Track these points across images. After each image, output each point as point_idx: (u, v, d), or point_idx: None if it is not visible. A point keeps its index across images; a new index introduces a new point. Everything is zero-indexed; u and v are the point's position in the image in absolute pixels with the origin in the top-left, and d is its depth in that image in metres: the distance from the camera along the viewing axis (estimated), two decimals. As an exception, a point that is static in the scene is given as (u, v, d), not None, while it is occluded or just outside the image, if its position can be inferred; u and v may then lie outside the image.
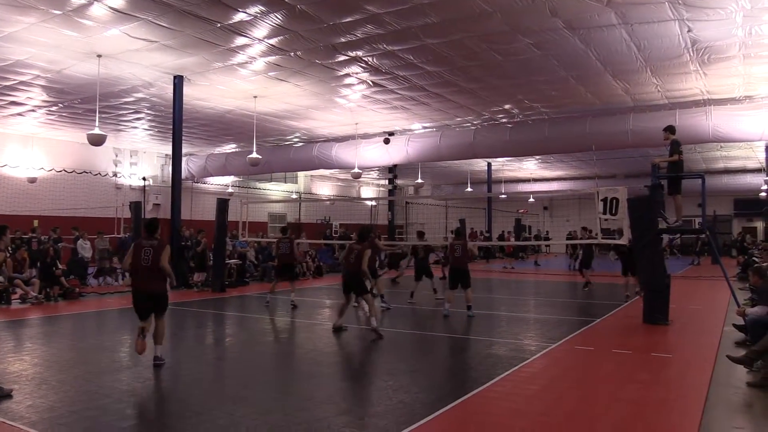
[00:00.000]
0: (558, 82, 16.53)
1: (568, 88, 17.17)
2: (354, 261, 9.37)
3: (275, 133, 24.44)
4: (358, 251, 9.41)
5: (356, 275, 9.35)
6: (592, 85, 16.77)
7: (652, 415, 5.68)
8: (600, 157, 27.78)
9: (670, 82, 16.23)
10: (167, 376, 7.39)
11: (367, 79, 16.29)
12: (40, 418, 5.45)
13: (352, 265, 9.38)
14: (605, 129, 18.70)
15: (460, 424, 5.44)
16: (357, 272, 9.31)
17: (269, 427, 5.18)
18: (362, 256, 9.36)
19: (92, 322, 11.56)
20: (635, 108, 19.01)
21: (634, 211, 10.97)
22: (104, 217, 23.77)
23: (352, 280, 9.49)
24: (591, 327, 10.68)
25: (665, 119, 16.07)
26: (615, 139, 18.67)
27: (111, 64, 14.81)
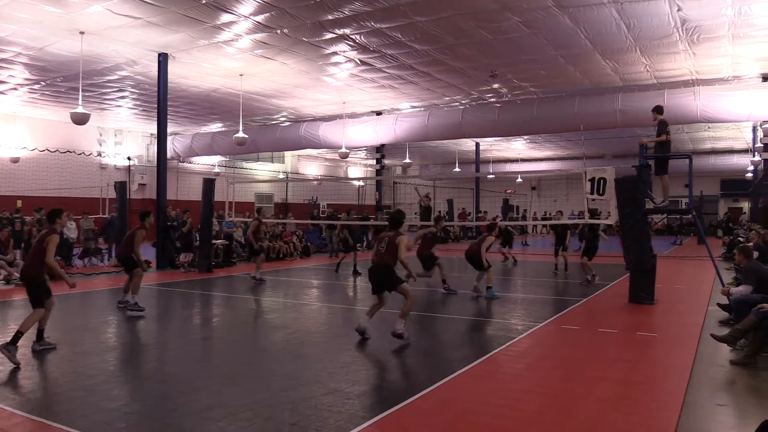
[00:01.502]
0: (547, 61, 16.49)
1: (557, 68, 17.14)
2: (385, 251, 7.69)
3: (262, 112, 24.26)
4: (389, 239, 7.75)
5: (385, 268, 7.68)
6: (581, 64, 16.76)
7: (637, 393, 5.75)
8: (588, 137, 27.86)
9: (659, 61, 16.25)
10: (153, 357, 7.39)
11: (355, 58, 16.16)
12: (25, 400, 5.43)
13: (381, 256, 7.72)
14: (594, 109, 18.73)
15: (446, 402, 5.48)
16: (386, 264, 7.68)
17: (255, 407, 5.19)
18: (397, 245, 7.66)
19: (77, 303, 11.49)
20: (624, 88, 19.04)
21: (621, 191, 11.02)
22: (89, 197, 23.56)
23: (380, 276, 7.75)
24: (577, 306, 10.77)
25: (654, 99, 16.12)
26: (603, 119, 18.72)
27: (94, 41, 14.58)
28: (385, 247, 7.72)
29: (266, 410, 5.13)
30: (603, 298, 11.78)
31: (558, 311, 10.26)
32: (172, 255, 17.32)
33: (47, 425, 4.77)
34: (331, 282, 14.87)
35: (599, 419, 5.06)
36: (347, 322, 9.36)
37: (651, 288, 10.82)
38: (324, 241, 24.08)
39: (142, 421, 4.88)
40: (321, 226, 24.91)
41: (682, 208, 18.58)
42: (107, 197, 21.69)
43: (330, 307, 11.20)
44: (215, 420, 4.87)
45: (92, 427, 4.74)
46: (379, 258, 7.76)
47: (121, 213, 18.15)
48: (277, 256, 20.14)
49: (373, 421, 4.88)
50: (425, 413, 5.21)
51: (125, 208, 18.50)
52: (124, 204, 18.36)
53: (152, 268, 16.49)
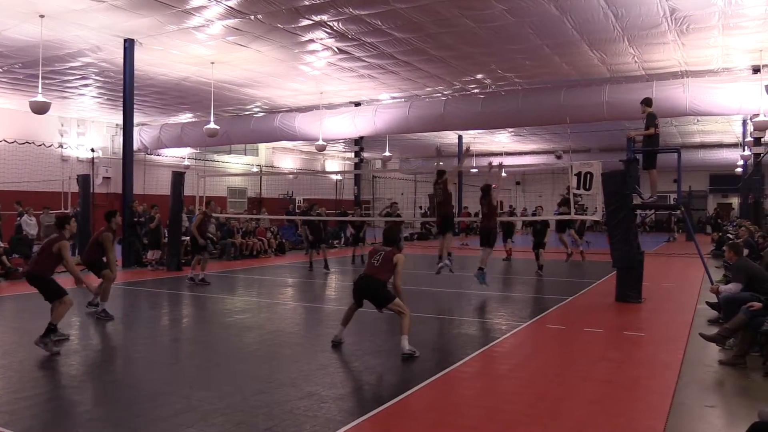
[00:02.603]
0: (532, 51, 16.58)
1: (542, 58, 17.24)
2: (379, 265, 7.46)
3: (234, 103, 24.08)
4: (385, 255, 7.51)
5: (376, 283, 7.39)
6: (568, 54, 16.87)
7: (624, 394, 5.82)
8: (574, 130, 28.07)
9: (647, 52, 16.42)
10: (120, 360, 7.32)
11: (333, 46, 16.10)
12: (-20, 406, 5.34)
13: (374, 269, 7.49)
14: (580, 101, 18.89)
15: (427, 405, 5.50)
16: (378, 280, 7.40)
17: (228, 411, 5.16)
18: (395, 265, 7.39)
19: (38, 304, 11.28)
20: (611, 79, 19.22)
21: (608, 185, 11.12)
22: (50, 191, 23.20)
23: (369, 289, 7.42)
24: (563, 305, 10.86)
25: (642, 91, 16.27)
26: (590, 111, 18.88)
27: (55, 26, 14.33)
28: (380, 261, 7.48)
29: (239, 415, 5.10)
30: (588, 297, 11.90)
31: (542, 310, 10.33)
32: (139, 252, 17.14)
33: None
34: (307, 280, 14.83)
35: (585, 421, 5.11)
36: (324, 322, 9.35)
37: (638, 286, 10.94)
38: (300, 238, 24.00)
39: (105, 428, 4.83)
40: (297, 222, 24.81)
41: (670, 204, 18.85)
42: (69, 191, 21.39)
43: (306, 307, 11.17)
44: (185, 426, 4.83)
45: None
46: (371, 271, 7.51)
47: (84, 208, 17.89)
48: (251, 253, 20.04)
49: (351, 426, 4.88)
50: (406, 417, 5.23)
51: (89, 202, 18.24)
52: (87, 198, 18.10)
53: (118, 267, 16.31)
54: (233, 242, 19.66)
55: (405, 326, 7.12)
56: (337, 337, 7.68)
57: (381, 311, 7.48)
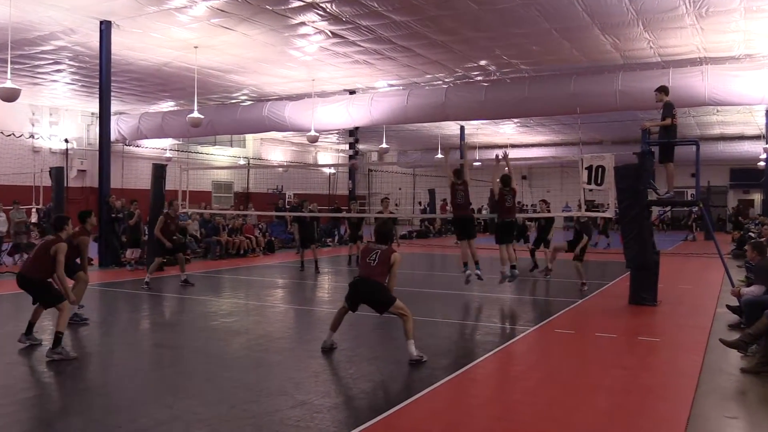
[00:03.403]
0: (540, 36, 16.56)
1: (551, 43, 17.22)
2: (376, 265, 7.41)
3: (220, 90, 24.03)
4: (381, 253, 7.48)
5: (374, 285, 7.39)
6: (578, 39, 16.86)
7: (639, 403, 5.83)
8: (585, 121, 28.06)
9: (663, 37, 16.41)
10: (97, 367, 7.31)
11: (326, 29, 16.07)
12: (-54, 416, 5.32)
13: (371, 269, 7.44)
14: (591, 89, 18.85)
15: (428, 415, 5.50)
16: (376, 282, 7.39)
17: (213, 422, 5.15)
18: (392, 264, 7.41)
19: (8, 306, 11.30)
20: (625, 66, 19.21)
21: (621, 180, 11.11)
22: (20, 184, 23.13)
23: (367, 293, 7.44)
24: (572, 308, 10.87)
25: (657, 79, 16.26)
26: (602, 100, 18.84)
27: (24, 5, 14.28)
28: (376, 261, 7.40)
29: (225, 425, 5.10)
30: (600, 300, 11.91)
31: (551, 314, 10.34)
32: (118, 251, 17.10)
33: (-27, 445, 4.69)
34: (299, 281, 14.83)
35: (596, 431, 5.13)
36: (316, 326, 9.34)
37: (653, 288, 10.95)
38: (290, 236, 23.99)
39: (82, 439, 4.82)
40: (287, 218, 24.81)
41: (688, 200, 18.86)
42: (41, 185, 21.33)
43: (297, 310, 11.18)
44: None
45: (25, 447, 4.67)
46: (368, 272, 7.44)
47: (57, 203, 17.84)
48: (238, 252, 20.01)
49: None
50: (405, 428, 5.23)
51: (62, 197, 18.19)
52: (60, 193, 18.05)
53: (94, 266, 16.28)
54: (218, 240, 19.63)
55: (409, 330, 7.12)
56: (326, 343, 7.66)
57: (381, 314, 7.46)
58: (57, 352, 7.22)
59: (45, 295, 7.70)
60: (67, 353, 7.29)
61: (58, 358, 7.20)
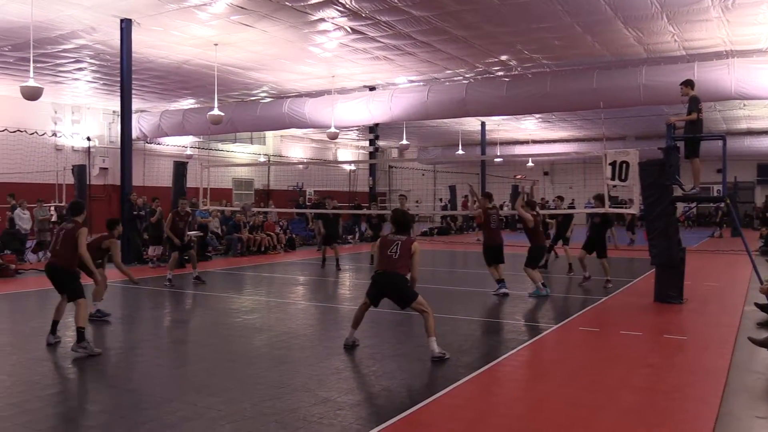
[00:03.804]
0: (562, 30, 16.45)
1: (573, 37, 17.10)
2: (398, 258, 7.26)
3: (239, 87, 24.14)
4: (402, 244, 7.30)
5: (398, 279, 7.27)
6: (601, 33, 16.72)
7: (665, 403, 5.78)
8: (608, 116, 27.82)
9: (688, 30, 16.23)
10: (121, 363, 7.37)
11: (345, 25, 16.07)
12: (-27, 411, 5.41)
13: (392, 263, 7.28)
14: (615, 84, 18.71)
15: (450, 412, 5.49)
16: (400, 276, 7.28)
17: (237, 419, 5.18)
18: (413, 254, 7.29)
19: (32, 303, 11.46)
20: (648, 60, 19.02)
21: (646, 176, 11.01)
22: (43, 182, 23.42)
23: (391, 288, 7.31)
24: (596, 306, 10.81)
25: (682, 73, 16.09)
26: (625, 95, 18.68)
27: (46, 5, 14.43)
28: (398, 253, 7.24)
29: (248, 422, 5.13)
30: (625, 297, 11.82)
31: (574, 311, 10.29)
32: (140, 248, 17.27)
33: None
34: (320, 278, 14.87)
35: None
36: (338, 323, 9.36)
37: (679, 285, 10.84)
38: (311, 233, 24.08)
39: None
40: (307, 215, 24.91)
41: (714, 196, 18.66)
42: (64, 183, 21.58)
43: (319, 307, 11.20)
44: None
45: (51, 443, 4.73)
46: (389, 265, 7.30)
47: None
48: (259, 249, 20.12)
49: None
50: (427, 426, 5.22)
51: (85, 195, 18.42)
52: (83, 190, 18.30)
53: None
54: (240, 237, 19.75)
55: (431, 327, 7.12)
56: (348, 340, 7.70)
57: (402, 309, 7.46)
58: (82, 347, 7.34)
59: (70, 284, 7.75)
60: (92, 348, 7.38)
61: (83, 352, 7.31)
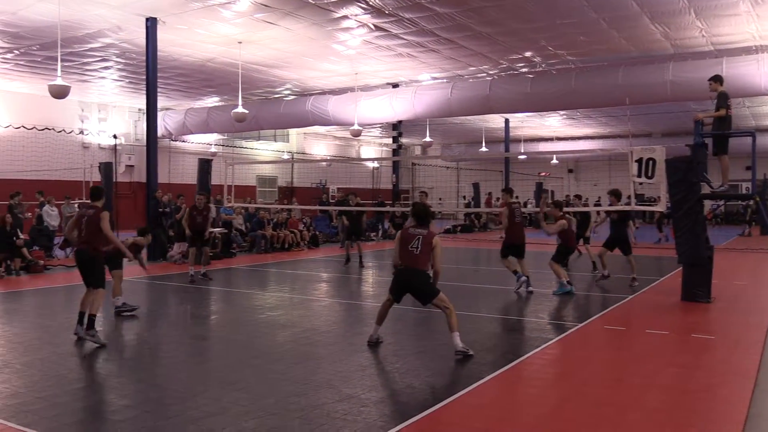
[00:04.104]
0: (587, 26, 16.30)
1: (598, 33, 16.94)
2: (420, 253, 7.22)
3: (263, 85, 24.24)
4: (424, 239, 7.26)
5: (421, 275, 7.27)
6: (627, 29, 16.55)
7: (693, 403, 5.71)
8: (634, 113, 27.58)
9: (716, 25, 16.00)
10: (147, 359, 7.44)
11: (368, 22, 16.07)
12: (3, 405, 5.49)
13: (414, 258, 7.25)
14: (641, 80, 18.52)
15: (474, 411, 5.47)
16: (422, 272, 7.27)
17: (261, 414, 5.21)
18: (434, 248, 7.25)
19: (59, 299, 11.61)
20: (676, 56, 18.80)
21: (673, 173, 10.89)
22: (71, 179, 23.73)
23: (414, 284, 7.30)
24: (622, 304, 10.71)
25: (710, 69, 15.86)
26: (652, 91, 18.50)
27: (73, 4, 14.60)
28: (419, 248, 7.20)
29: (273, 418, 5.15)
30: (652, 296, 11.70)
31: (600, 310, 10.22)
32: (165, 245, 17.42)
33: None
34: (343, 275, 14.90)
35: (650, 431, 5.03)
36: (362, 320, 9.38)
37: (707, 284, 10.72)
38: (334, 230, 24.14)
39: (134, 431, 4.91)
40: (330, 212, 24.97)
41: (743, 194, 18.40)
42: (91, 180, 21.84)
43: (342, 304, 11.23)
44: (216, 429, 4.89)
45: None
46: (411, 261, 7.26)
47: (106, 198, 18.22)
48: (282, 246, 20.21)
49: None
50: (451, 423, 5.21)
51: (111, 192, 18.60)
52: (109, 188, 18.44)
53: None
54: (263, 234, 19.85)
55: (453, 323, 7.12)
56: (372, 337, 7.70)
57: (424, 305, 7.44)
58: (90, 334, 7.61)
59: (94, 271, 7.93)
60: (99, 338, 7.63)
61: (90, 339, 7.60)
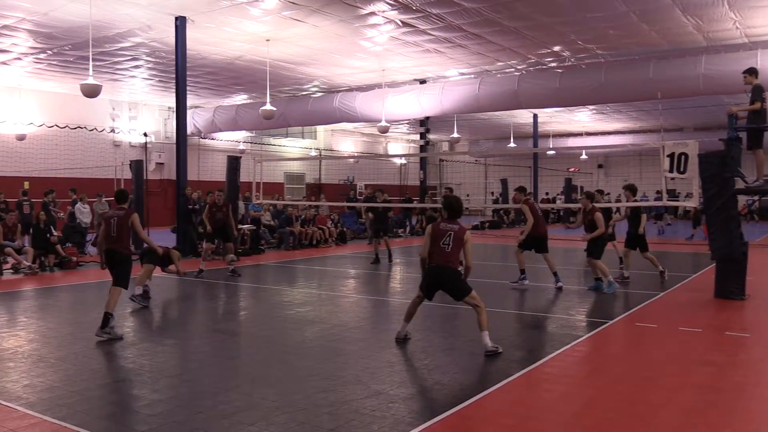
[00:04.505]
0: (617, 19, 16.13)
1: (629, 26, 16.75)
2: (451, 251, 7.12)
3: (291, 82, 24.36)
4: (455, 235, 7.13)
5: (453, 273, 7.19)
6: (658, 21, 16.34)
7: (728, 402, 5.62)
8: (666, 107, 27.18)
9: (751, 16, 15.75)
10: (177, 354, 7.52)
11: (396, 18, 16.05)
12: (38, 399, 5.59)
13: (446, 256, 7.13)
14: (672, 74, 18.26)
15: (503, 408, 5.44)
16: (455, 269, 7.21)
17: (290, 410, 5.24)
18: (465, 243, 7.19)
19: (92, 294, 11.78)
20: (708, 49, 18.51)
21: (706, 168, 10.72)
22: (102, 177, 24.08)
23: (447, 282, 7.21)
24: (654, 301, 10.58)
25: (744, 61, 15.58)
26: (684, 85, 18.23)
27: (104, 4, 14.80)
28: (451, 245, 7.09)
29: (302, 413, 5.18)
30: (684, 293, 11.54)
31: (631, 307, 10.09)
32: (194, 242, 17.59)
33: (62, 427, 4.90)
34: (371, 272, 14.91)
35: (683, 431, 4.95)
36: (390, 316, 9.39)
37: (741, 281, 10.55)
38: (362, 227, 24.18)
39: (165, 425, 4.97)
40: (358, 209, 25.01)
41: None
42: (122, 177, 22.15)
43: (370, 300, 11.25)
44: (246, 424, 4.93)
45: (111, 429, 4.87)
46: (444, 258, 7.16)
47: (137, 195, 18.48)
48: (310, 242, 20.30)
49: (421, 428, 4.88)
50: (479, 421, 5.19)
51: (142, 189, 18.83)
52: (140, 185, 18.68)
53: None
54: (292, 231, 19.96)
55: (484, 321, 7.08)
56: (401, 334, 7.69)
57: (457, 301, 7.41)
58: (105, 332, 7.76)
59: (123, 269, 8.23)
60: (115, 333, 7.85)
61: (106, 337, 7.74)
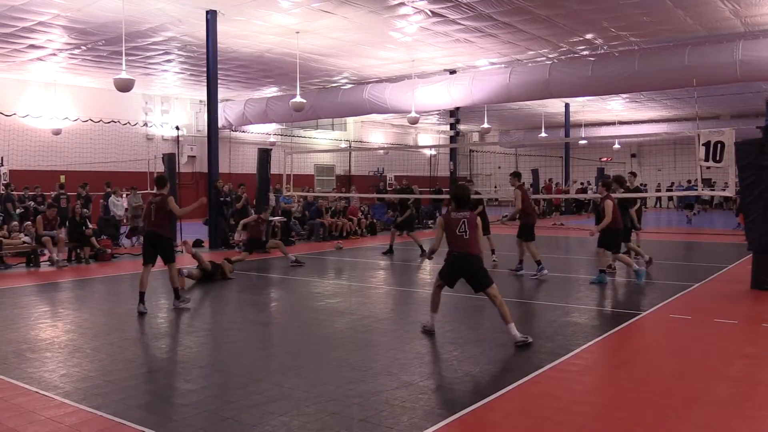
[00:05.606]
0: (651, 5, 15.89)
1: (663, 12, 16.48)
2: (469, 238, 7.21)
3: (321, 74, 24.42)
4: (468, 222, 7.23)
5: (474, 260, 7.23)
6: (693, 7, 16.06)
7: (763, 395, 5.53)
8: (701, 95, 26.71)
9: (790, 1, 15.38)
10: (209, 345, 7.61)
11: (425, 8, 15.99)
12: (74, 388, 5.71)
13: (465, 243, 7.23)
14: (709, 60, 17.94)
15: (533, 400, 5.42)
16: (476, 256, 7.24)
17: (321, 400, 5.28)
18: (476, 229, 7.29)
19: (126, 286, 11.97)
20: (746, 34, 18.14)
21: (743, 156, 10.53)
22: (136, 170, 24.42)
23: (468, 270, 7.29)
24: (688, 292, 10.42)
25: (783, 47, 15.28)
26: (720, 72, 17.90)
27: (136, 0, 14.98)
28: (467, 232, 7.19)
29: (332, 404, 5.22)
30: (719, 284, 11.36)
31: (664, 298, 9.94)
32: (226, 233, 17.76)
33: (98, 416, 5.00)
34: (401, 263, 14.93)
35: (717, 424, 4.88)
36: (420, 308, 9.39)
37: (779, 272, 10.36)
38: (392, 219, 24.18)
39: (198, 414, 5.05)
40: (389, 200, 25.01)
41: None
42: (155, 170, 22.45)
43: (400, 291, 11.26)
44: (277, 414, 4.98)
45: (145, 419, 4.95)
46: (462, 246, 7.23)
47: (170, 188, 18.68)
48: (341, 234, 20.37)
49: (451, 420, 4.89)
50: (509, 412, 5.17)
51: (175, 182, 19.04)
52: (173, 178, 18.88)
53: (204, 248, 17.03)
54: (322, 222, 20.05)
55: (506, 314, 7.07)
56: (428, 325, 7.69)
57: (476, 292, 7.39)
58: (181, 302, 9.13)
59: (167, 250, 9.20)
60: (187, 300, 9.33)
61: (182, 306, 9.11)
